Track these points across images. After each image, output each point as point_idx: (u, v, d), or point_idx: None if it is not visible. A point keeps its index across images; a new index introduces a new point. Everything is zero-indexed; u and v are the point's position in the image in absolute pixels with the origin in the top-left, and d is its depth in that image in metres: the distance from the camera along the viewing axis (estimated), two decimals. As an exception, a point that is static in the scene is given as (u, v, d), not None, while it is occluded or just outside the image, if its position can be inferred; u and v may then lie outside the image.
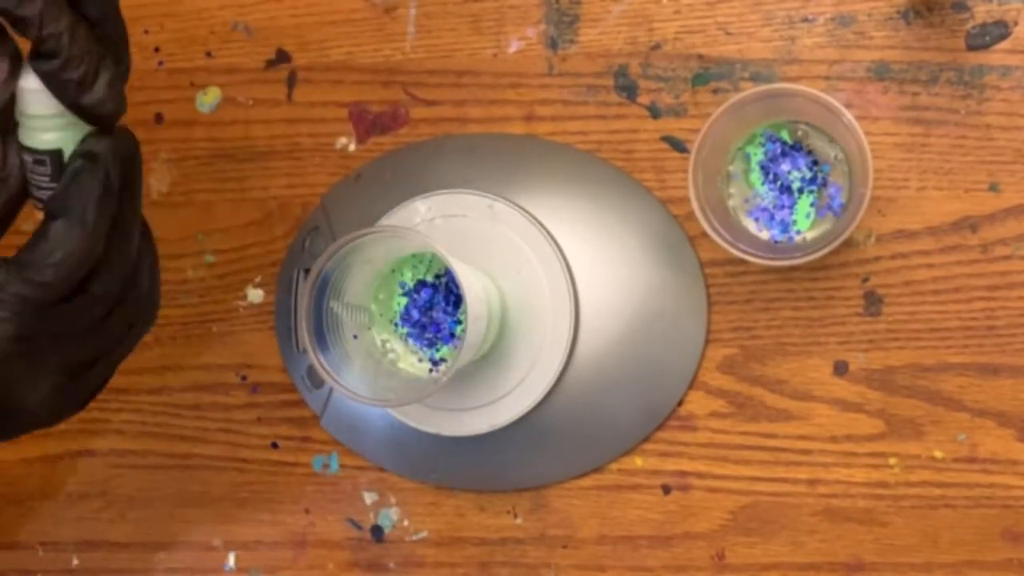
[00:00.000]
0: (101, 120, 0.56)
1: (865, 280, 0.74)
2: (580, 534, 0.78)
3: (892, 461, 0.74)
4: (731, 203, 0.74)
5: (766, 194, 0.73)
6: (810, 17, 0.74)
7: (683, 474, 0.76)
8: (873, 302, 0.74)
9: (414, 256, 0.74)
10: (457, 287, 0.73)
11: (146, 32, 0.82)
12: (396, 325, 0.75)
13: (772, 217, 0.73)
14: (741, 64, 0.75)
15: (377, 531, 0.80)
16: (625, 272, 0.76)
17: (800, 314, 0.75)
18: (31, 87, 0.55)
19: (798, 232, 0.73)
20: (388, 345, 0.75)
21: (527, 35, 0.77)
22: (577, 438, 0.77)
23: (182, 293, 0.82)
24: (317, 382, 0.78)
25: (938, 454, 0.74)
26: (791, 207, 0.73)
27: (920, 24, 0.73)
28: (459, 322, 0.74)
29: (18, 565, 0.85)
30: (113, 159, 0.56)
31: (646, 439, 0.76)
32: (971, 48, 0.72)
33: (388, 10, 0.79)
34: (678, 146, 0.76)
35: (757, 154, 0.73)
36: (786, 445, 0.75)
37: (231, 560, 0.82)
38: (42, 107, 0.55)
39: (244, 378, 0.81)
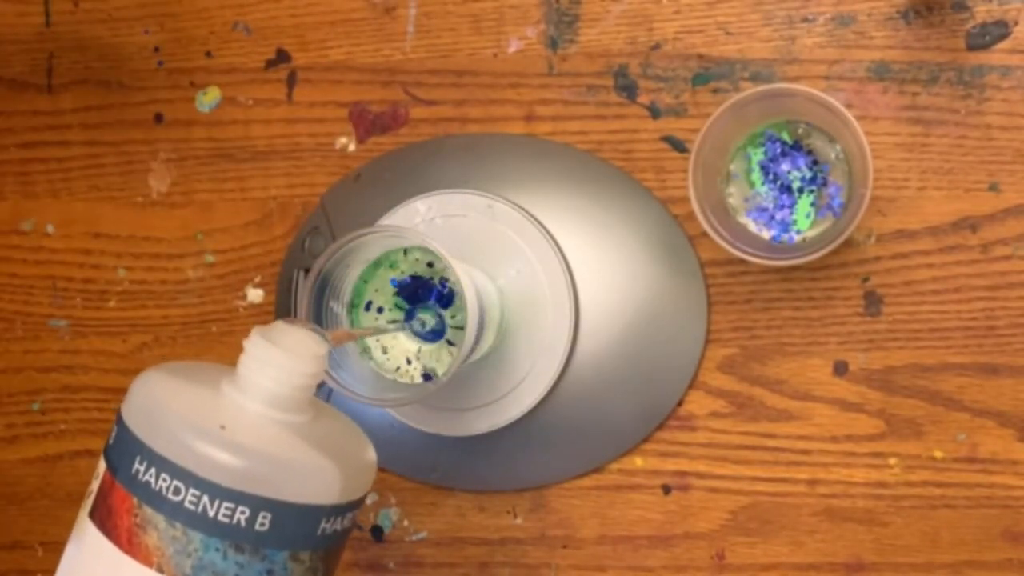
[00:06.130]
0: None
1: (865, 280, 0.74)
2: (580, 534, 0.78)
3: (892, 461, 0.74)
4: (731, 203, 0.74)
5: (766, 194, 0.73)
6: (810, 17, 0.74)
7: (683, 474, 0.76)
8: (873, 302, 0.74)
9: (406, 254, 0.74)
10: (454, 290, 0.73)
11: (146, 32, 0.82)
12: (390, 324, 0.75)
13: (772, 217, 0.73)
14: (741, 64, 0.75)
15: (377, 531, 0.80)
16: (625, 272, 0.76)
17: (800, 314, 0.75)
18: None
19: (798, 232, 0.73)
20: (380, 343, 0.75)
21: (527, 35, 0.77)
22: (577, 438, 0.77)
23: (182, 293, 0.82)
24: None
25: (938, 454, 0.74)
26: (791, 207, 0.73)
27: (920, 24, 0.73)
28: (457, 327, 0.74)
29: (18, 565, 0.85)
30: None
31: (646, 439, 0.76)
32: (971, 48, 0.72)
33: (388, 10, 0.79)
34: (678, 146, 0.76)
35: (757, 154, 0.73)
36: (786, 445, 0.75)
37: (231, 560, 0.82)
38: None
39: (244, 378, 0.81)
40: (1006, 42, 0.72)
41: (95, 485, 0.62)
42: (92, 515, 0.61)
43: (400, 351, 0.74)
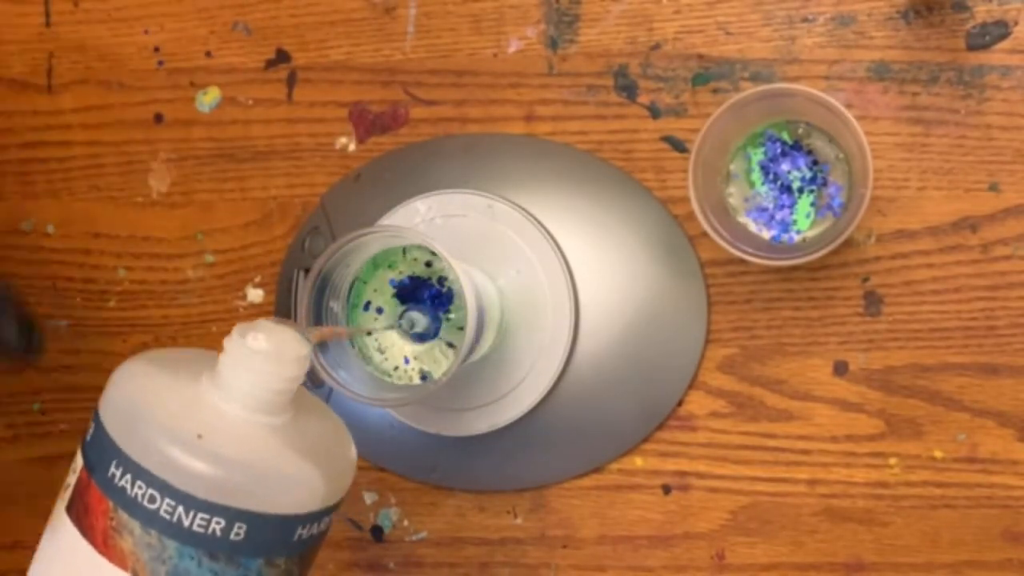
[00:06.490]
0: None
1: (865, 280, 0.74)
2: (580, 534, 0.78)
3: (892, 461, 0.74)
4: (731, 203, 0.74)
5: (766, 194, 0.73)
6: (810, 17, 0.74)
7: (683, 474, 0.76)
8: (873, 302, 0.74)
9: (404, 254, 0.74)
10: (452, 289, 0.73)
11: (146, 32, 0.82)
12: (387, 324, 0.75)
13: (772, 217, 0.73)
14: (741, 64, 0.75)
15: (377, 531, 0.80)
16: (625, 272, 0.76)
17: (800, 314, 0.75)
18: None
19: (798, 232, 0.73)
20: (378, 343, 0.75)
21: (527, 35, 0.77)
22: (577, 438, 0.77)
23: (182, 293, 0.82)
24: (317, 381, 0.78)
25: (938, 454, 0.74)
26: (791, 207, 0.73)
27: (920, 24, 0.73)
28: (458, 326, 0.74)
29: (18, 565, 0.85)
30: None
31: (646, 439, 0.76)
32: (971, 48, 0.72)
33: (388, 10, 0.79)
34: (678, 146, 0.76)
35: (757, 154, 0.73)
36: (786, 445, 0.75)
37: (231, 560, 0.82)
38: None
39: (244, 378, 0.81)
40: (1006, 42, 0.72)
41: (72, 479, 0.62)
42: (69, 510, 0.61)
43: (398, 351, 0.74)
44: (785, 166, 0.73)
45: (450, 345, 0.74)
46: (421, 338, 0.73)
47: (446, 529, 0.79)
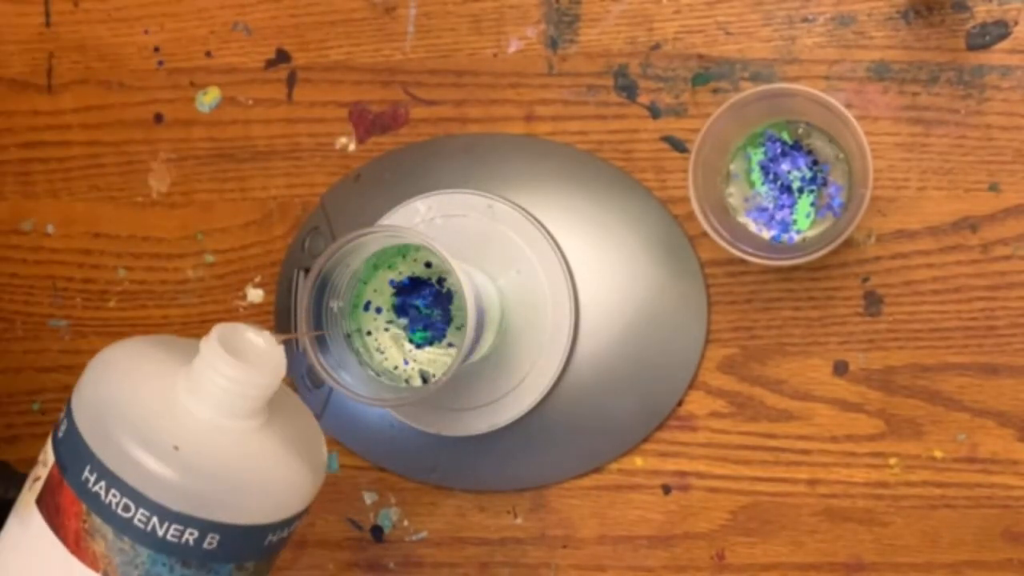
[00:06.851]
0: None
1: (865, 280, 0.74)
2: (580, 534, 0.78)
3: (892, 461, 0.74)
4: (731, 203, 0.74)
5: (766, 194, 0.73)
6: (810, 17, 0.74)
7: (683, 474, 0.76)
8: (873, 302, 0.74)
9: (404, 255, 0.74)
10: (452, 289, 0.73)
11: (146, 32, 0.82)
12: (387, 324, 0.75)
13: (772, 217, 0.73)
14: (741, 64, 0.75)
15: (377, 531, 0.80)
16: (625, 272, 0.76)
17: (800, 314, 0.75)
18: None
19: (798, 232, 0.73)
20: (377, 343, 0.75)
21: (527, 35, 0.77)
22: (577, 438, 0.77)
23: (182, 293, 0.82)
24: (316, 382, 0.78)
25: (938, 454, 0.74)
26: (791, 207, 0.73)
27: (920, 24, 0.73)
28: (458, 326, 0.74)
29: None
30: None
31: (646, 439, 0.77)
32: (971, 48, 0.72)
33: (388, 10, 0.79)
34: (678, 146, 0.76)
35: (757, 154, 0.73)
36: (786, 445, 0.75)
37: (231, 560, 0.82)
38: None
39: (244, 378, 0.81)
40: (1006, 42, 0.72)
41: (43, 472, 0.61)
42: (40, 504, 0.60)
43: (397, 352, 0.74)
44: (785, 166, 0.73)
45: (450, 345, 0.74)
46: (427, 342, 0.73)
47: (446, 529, 0.79)
